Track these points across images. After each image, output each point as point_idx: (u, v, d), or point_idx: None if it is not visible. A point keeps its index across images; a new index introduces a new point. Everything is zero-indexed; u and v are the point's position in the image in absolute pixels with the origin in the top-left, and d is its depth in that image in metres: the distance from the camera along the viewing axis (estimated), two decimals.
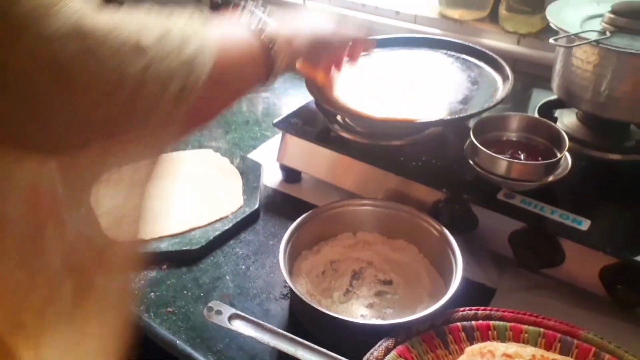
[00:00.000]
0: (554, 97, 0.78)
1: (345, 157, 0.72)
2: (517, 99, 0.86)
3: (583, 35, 0.62)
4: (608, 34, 0.62)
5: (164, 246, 0.67)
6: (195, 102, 0.38)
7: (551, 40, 0.62)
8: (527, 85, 0.92)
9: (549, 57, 0.90)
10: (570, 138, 0.71)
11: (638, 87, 0.63)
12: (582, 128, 0.73)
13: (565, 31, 0.64)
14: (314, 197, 0.76)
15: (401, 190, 0.68)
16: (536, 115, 0.75)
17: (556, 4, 0.72)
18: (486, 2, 0.98)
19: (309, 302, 0.53)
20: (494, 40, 0.95)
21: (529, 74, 0.93)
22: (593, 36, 0.63)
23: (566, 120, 0.75)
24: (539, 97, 0.87)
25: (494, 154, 0.60)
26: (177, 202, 0.74)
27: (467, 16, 0.99)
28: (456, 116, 0.66)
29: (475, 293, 0.60)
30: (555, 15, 0.68)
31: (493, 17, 0.97)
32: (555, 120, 0.74)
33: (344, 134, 0.73)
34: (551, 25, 0.67)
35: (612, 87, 0.64)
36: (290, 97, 1.04)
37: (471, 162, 0.63)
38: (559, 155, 0.60)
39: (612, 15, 0.65)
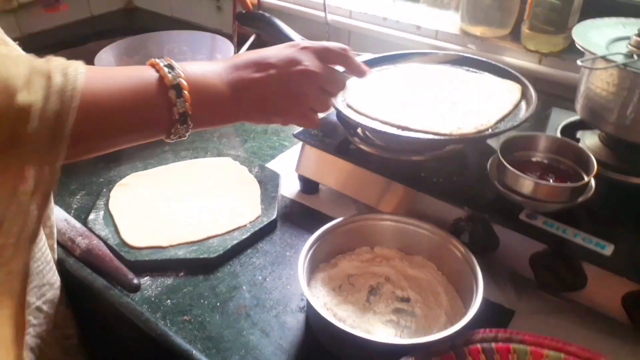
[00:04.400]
0: (575, 117, 0.78)
1: (364, 170, 0.72)
2: (537, 117, 0.86)
3: (610, 57, 0.62)
4: (635, 57, 0.62)
5: (182, 253, 0.67)
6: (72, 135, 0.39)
7: (578, 62, 0.62)
8: (546, 105, 0.92)
9: (570, 77, 0.90)
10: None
11: None
12: (605, 150, 0.72)
13: (592, 53, 0.64)
14: (331, 209, 0.76)
15: (420, 206, 0.67)
16: (559, 135, 0.74)
17: (582, 26, 0.71)
18: (508, 20, 0.98)
19: (327, 317, 0.52)
20: (515, 59, 0.95)
21: (550, 93, 0.93)
22: (620, 59, 0.62)
23: (588, 141, 0.74)
24: (559, 117, 0.87)
25: (522, 174, 0.60)
26: (195, 210, 0.74)
27: (489, 33, 0.99)
28: (481, 134, 0.66)
29: (493, 314, 0.60)
30: (581, 37, 0.68)
31: (515, 35, 0.97)
32: (577, 141, 0.74)
33: (364, 147, 0.73)
34: (578, 46, 0.66)
35: (637, 110, 0.63)
36: None
37: (494, 180, 0.63)
38: (586, 179, 0.60)
39: (638, 39, 0.65)
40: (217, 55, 1.06)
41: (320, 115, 0.60)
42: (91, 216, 0.73)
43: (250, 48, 1.12)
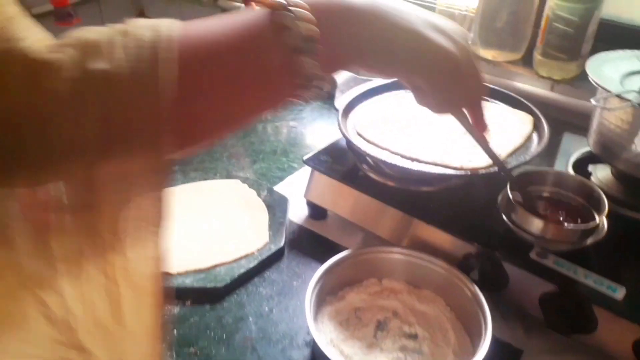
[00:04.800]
0: (587, 148, 0.77)
1: (372, 199, 0.72)
2: (549, 143, 0.85)
3: (624, 95, 0.61)
4: None
5: (189, 282, 0.67)
6: (179, 105, 0.30)
7: (592, 101, 0.62)
8: (558, 129, 0.91)
9: (582, 105, 0.89)
10: (605, 196, 0.70)
11: None
12: (617, 185, 0.71)
13: (605, 90, 0.63)
14: (339, 236, 0.76)
15: (429, 239, 0.67)
16: (570, 169, 0.74)
17: (596, 59, 0.71)
18: (521, 44, 0.97)
19: (332, 358, 0.52)
20: (526, 85, 0.94)
21: (561, 120, 0.92)
22: (634, 97, 0.61)
23: (600, 175, 0.73)
24: (571, 144, 0.87)
25: (530, 214, 0.59)
26: (203, 235, 0.74)
27: (501, 57, 0.98)
28: (490, 171, 0.65)
29: (500, 352, 0.59)
30: (595, 71, 0.67)
31: (527, 60, 0.96)
32: (589, 174, 0.73)
33: (373, 176, 0.73)
34: (591, 81, 0.66)
35: None
36: (318, 126, 1.05)
37: (504, 216, 0.63)
38: (597, 220, 0.59)
39: None
40: None
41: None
42: None
43: None
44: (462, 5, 1.09)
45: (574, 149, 0.83)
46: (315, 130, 1.04)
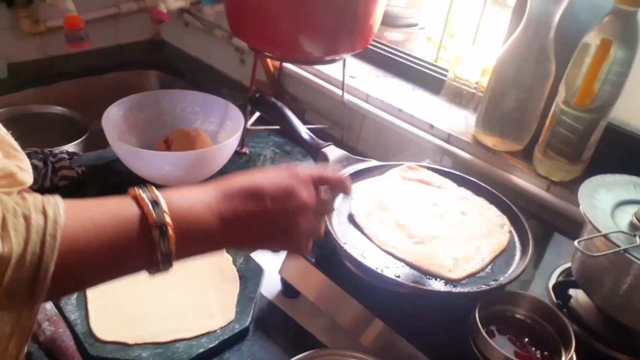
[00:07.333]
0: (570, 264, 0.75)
1: (342, 291, 0.70)
2: (537, 243, 0.83)
3: (611, 237, 0.59)
4: (638, 240, 0.59)
5: (145, 355, 0.65)
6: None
7: (575, 243, 0.60)
8: (547, 232, 0.90)
9: (576, 211, 0.87)
10: (581, 324, 0.68)
11: None
12: (597, 315, 0.69)
13: (596, 228, 0.61)
14: (309, 321, 0.75)
15: (397, 348, 0.65)
16: (551, 287, 0.72)
17: (590, 183, 0.69)
18: (523, 135, 0.96)
19: None
20: (523, 180, 0.92)
21: (551, 224, 0.90)
22: (620, 240, 0.59)
23: (581, 299, 0.71)
24: (558, 250, 0.85)
25: (494, 344, 0.58)
26: (169, 304, 0.73)
27: (501, 146, 0.97)
28: (463, 290, 0.63)
29: None
30: (586, 199, 0.65)
31: (527, 154, 0.95)
32: (569, 298, 0.72)
33: (349, 265, 0.72)
34: (581, 211, 0.64)
35: (629, 294, 0.61)
36: None
37: (471, 339, 0.61)
38: (563, 358, 0.57)
39: None
40: (227, 123, 1.05)
41: None
42: None
43: (255, 123, 1.11)
44: (472, 80, 1.08)
45: (561, 255, 0.82)
46: None
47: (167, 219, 0.43)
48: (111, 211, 0.44)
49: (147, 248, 0.43)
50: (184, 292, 0.75)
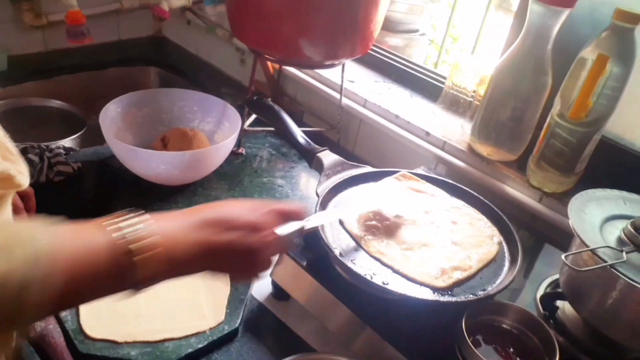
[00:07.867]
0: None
1: (332, 296, 0.70)
2: (528, 252, 0.84)
3: (598, 252, 0.60)
4: (624, 256, 0.60)
5: (134, 354, 0.66)
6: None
7: (562, 257, 0.60)
8: (538, 243, 0.90)
9: (568, 222, 0.87)
10: (567, 336, 0.69)
11: None
12: (584, 327, 0.69)
13: (583, 242, 0.61)
14: (298, 324, 0.75)
15: (380, 350, 0.66)
16: (538, 299, 0.73)
17: (580, 197, 0.69)
18: (518, 145, 0.96)
19: None
20: (516, 190, 0.93)
21: (542, 234, 0.91)
22: (608, 255, 0.60)
23: (568, 311, 0.72)
24: (548, 259, 0.86)
25: (479, 354, 0.58)
26: (160, 303, 0.73)
27: (496, 156, 0.97)
28: (451, 300, 0.64)
29: None
30: (576, 213, 0.66)
31: (522, 164, 0.95)
32: (556, 309, 0.72)
33: (340, 270, 0.72)
34: (570, 225, 0.65)
35: (615, 308, 0.61)
36: (304, 188, 1.04)
37: (457, 348, 0.61)
38: None
39: (632, 230, 0.63)
40: (225, 123, 1.06)
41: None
42: None
43: (253, 124, 1.12)
44: (470, 89, 1.09)
45: (552, 266, 0.82)
46: (302, 191, 1.04)
47: (147, 243, 0.45)
48: (84, 241, 0.44)
49: (119, 274, 0.45)
50: (176, 292, 0.75)
